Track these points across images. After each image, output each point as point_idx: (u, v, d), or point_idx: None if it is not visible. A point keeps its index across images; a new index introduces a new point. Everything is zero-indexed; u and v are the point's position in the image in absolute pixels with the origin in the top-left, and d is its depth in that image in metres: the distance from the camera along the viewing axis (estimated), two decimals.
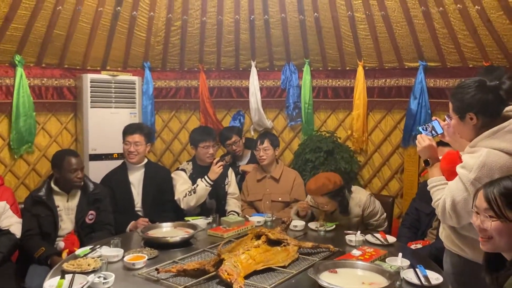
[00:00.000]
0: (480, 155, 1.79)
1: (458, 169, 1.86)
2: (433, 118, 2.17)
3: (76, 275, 1.91)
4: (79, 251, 2.30)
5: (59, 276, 1.90)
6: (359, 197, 3.05)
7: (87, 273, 1.97)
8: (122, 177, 3.28)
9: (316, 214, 3.07)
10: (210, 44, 4.22)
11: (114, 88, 3.95)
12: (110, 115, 3.92)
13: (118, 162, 3.46)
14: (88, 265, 2.04)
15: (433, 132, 2.11)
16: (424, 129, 2.14)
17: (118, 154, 3.82)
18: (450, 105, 1.96)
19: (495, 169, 1.74)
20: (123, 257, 2.19)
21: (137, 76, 4.11)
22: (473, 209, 1.48)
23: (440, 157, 2.06)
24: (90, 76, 3.85)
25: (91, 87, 3.83)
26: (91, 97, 3.83)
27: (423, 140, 2.06)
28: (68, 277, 1.89)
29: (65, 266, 2.05)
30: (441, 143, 2.39)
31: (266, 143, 3.49)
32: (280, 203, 3.46)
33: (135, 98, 4.04)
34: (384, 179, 4.20)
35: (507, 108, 1.89)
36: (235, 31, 4.10)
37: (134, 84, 4.04)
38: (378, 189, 4.17)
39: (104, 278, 1.88)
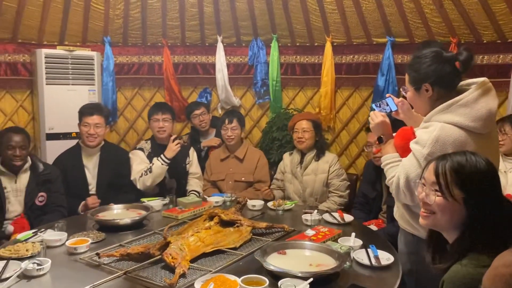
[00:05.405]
0: (434, 129, 1.73)
1: (412, 144, 1.80)
2: (387, 95, 2.09)
3: (11, 261, 1.81)
4: (20, 235, 2.19)
5: None
6: (328, 156, 3.31)
7: (24, 259, 1.85)
8: (76, 161, 3.08)
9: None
10: (173, 17, 4.04)
11: (71, 64, 3.79)
12: (67, 92, 3.76)
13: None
14: (26, 250, 1.93)
15: (387, 108, 2.04)
16: (378, 105, 2.06)
17: (77, 133, 3.66)
18: (407, 76, 1.89)
19: (448, 143, 1.69)
20: (67, 241, 2.09)
21: (96, 52, 3.94)
22: (421, 180, 1.41)
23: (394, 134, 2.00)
24: (44, 51, 3.68)
25: (46, 62, 3.68)
26: (46, 73, 3.68)
27: (376, 116, 1.99)
28: (1, 263, 1.79)
29: (1, 252, 1.93)
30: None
31: (235, 123, 3.38)
32: (243, 183, 3.38)
33: (94, 75, 3.88)
34: (352, 157, 4.16)
35: (462, 82, 1.83)
36: (199, 4, 3.92)
37: (93, 59, 3.86)
38: (345, 167, 4.11)
39: (39, 264, 1.77)
